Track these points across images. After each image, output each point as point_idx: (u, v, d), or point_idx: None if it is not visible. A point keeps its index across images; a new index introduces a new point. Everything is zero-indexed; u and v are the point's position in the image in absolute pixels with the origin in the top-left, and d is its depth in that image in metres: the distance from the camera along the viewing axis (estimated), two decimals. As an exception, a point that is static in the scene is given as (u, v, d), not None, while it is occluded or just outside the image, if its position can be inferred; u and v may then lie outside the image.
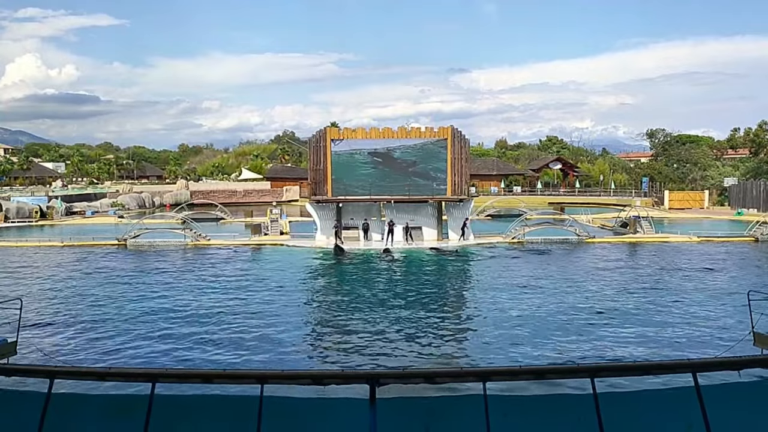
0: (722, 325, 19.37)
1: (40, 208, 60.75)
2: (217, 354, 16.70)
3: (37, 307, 22.22)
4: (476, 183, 76.59)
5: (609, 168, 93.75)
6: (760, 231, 40.70)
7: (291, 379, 5.79)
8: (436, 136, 39.38)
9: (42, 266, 32.43)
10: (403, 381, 5.62)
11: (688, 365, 5.50)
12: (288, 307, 22.63)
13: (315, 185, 39.65)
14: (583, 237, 40.61)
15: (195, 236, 40.65)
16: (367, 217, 39.86)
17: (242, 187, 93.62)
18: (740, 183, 68.18)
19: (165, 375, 5.83)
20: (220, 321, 20.30)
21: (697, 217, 57.59)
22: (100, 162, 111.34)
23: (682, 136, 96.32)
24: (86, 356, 16.50)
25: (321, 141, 39.39)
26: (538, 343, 17.59)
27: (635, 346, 17.23)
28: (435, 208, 40.46)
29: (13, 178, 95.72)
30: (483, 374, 5.51)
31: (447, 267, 32.30)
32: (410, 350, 17.06)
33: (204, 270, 31.04)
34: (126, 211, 70.83)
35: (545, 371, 5.78)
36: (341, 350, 17.41)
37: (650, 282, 27.02)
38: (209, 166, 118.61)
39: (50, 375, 5.63)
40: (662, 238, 41.41)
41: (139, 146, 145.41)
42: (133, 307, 22.40)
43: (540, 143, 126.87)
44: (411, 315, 21.13)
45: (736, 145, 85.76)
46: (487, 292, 25.17)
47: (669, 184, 74.72)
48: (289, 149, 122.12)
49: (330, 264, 33.76)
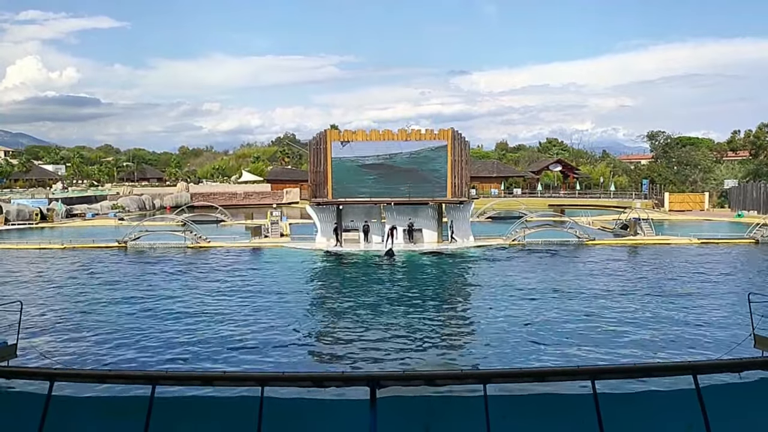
0: (722, 327, 19.36)
1: (40, 211, 60.74)
2: (217, 356, 16.69)
3: (38, 310, 22.22)
4: (476, 185, 76.58)
5: (609, 171, 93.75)
6: (760, 233, 40.71)
7: (291, 381, 5.78)
8: (436, 138, 39.38)
9: (42, 269, 32.42)
10: (404, 383, 5.61)
11: (688, 367, 5.50)
12: (288, 309, 22.62)
13: (315, 187, 39.65)
14: (584, 239, 40.60)
15: (195, 238, 40.66)
16: (368, 219, 39.88)
17: (242, 190, 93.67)
18: (740, 185, 68.20)
19: (165, 377, 5.83)
20: (220, 323, 20.29)
21: (697, 219, 57.56)
22: (100, 164, 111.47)
23: (682, 138, 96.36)
24: (86, 358, 16.49)
25: (321, 143, 39.40)
26: (538, 344, 17.58)
27: (635, 348, 17.23)
28: (435, 210, 40.48)
29: (14, 181, 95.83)
30: (483, 376, 5.51)
31: (447, 269, 32.28)
32: (410, 352, 17.05)
33: (204, 272, 31.04)
34: (126, 213, 70.86)
35: (546, 373, 5.77)
36: (341, 352, 17.41)
37: (650, 284, 27.01)
38: (209, 169, 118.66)
39: (50, 377, 5.63)
40: (662, 241, 41.39)
41: (140, 148, 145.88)
42: (133, 310, 22.40)
43: (540, 145, 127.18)
44: (411, 317, 21.11)
45: (736, 147, 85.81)
46: (487, 294, 25.15)
47: (669, 186, 74.73)
48: (289, 151, 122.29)
49: (330, 266, 33.77)
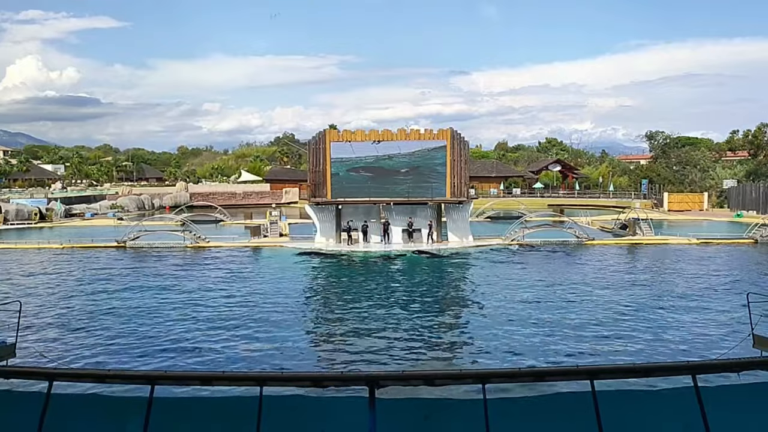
0: (721, 327, 19.38)
1: (39, 210, 60.69)
2: (216, 356, 16.69)
3: (37, 309, 22.19)
4: (476, 185, 76.56)
5: (609, 171, 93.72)
6: (759, 233, 40.74)
7: (290, 381, 5.78)
8: (435, 138, 39.33)
9: (41, 268, 32.40)
10: (403, 383, 5.62)
11: (687, 367, 5.51)
12: (287, 308, 22.61)
13: (314, 187, 39.62)
14: (583, 239, 40.60)
15: (194, 238, 40.63)
16: (367, 219, 39.84)
17: (242, 189, 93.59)
18: (739, 185, 68.23)
19: (164, 377, 5.83)
20: (219, 323, 20.28)
21: (696, 219, 57.61)
22: (99, 164, 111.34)
23: (682, 138, 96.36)
24: (85, 358, 16.49)
25: (320, 143, 39.35)
26: (537, 344, 17.59)
27: (634, 347, 17.24)
28: (434, 210, 40.46)
29: (13, 180, 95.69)
30: (482, 376, 5.51)
31: (446, 269, 32.28)
32: (409, 352, 17.05)
33: (203, 272, 31.03)
34: (125, 213, 70.76)
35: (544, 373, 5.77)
36: (340, 352, 17.41)
37: (649, 284, 27.03)
38: (209, 168, 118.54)
39: (49, 377, 5.63)
40: (661, 240, 41.40)
41: (139, 148, 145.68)
42: (132, 309, 22.38)
43: (539, 145, 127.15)
44: (410, 317, 21.12)
45: (736, 147, 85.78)
46: (486, 294, 25.15)
47: (668, 186, 74.75)
48: (288, 151, 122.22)
49: (329, 266, 33.75)
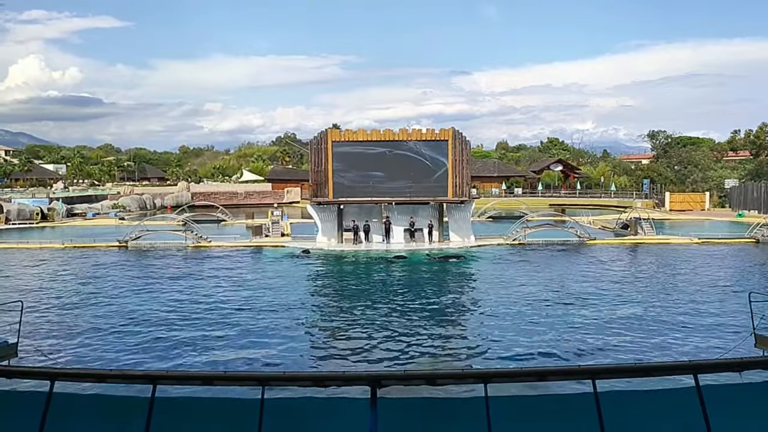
0: (723, 326, 19.36)
1: (41, 210, 60.76)
2: (217, 356, 16.70)
3: (38, 309, 22.22)
4: (477, 185, 76.49)
5: (610, 171, 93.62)
6: (761, 233, 40.68)
7: (292, 381, 5.78)
8: (437, 137, 39.33)
9: (43, 268, 32.44)
10: (404, 382, 5.61)
11: (689, 366, 5.49)
12: (289, 308, 22.62)
13: (316, 187, 39.62)
14: (584, 238, 40.59)
15: (196, 238, 40.65)
16: (368, 218, 39.84)
17: (243, 189, 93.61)
18: (741, 185, 68.14)
19: (166, 377, 5.82)
20: (220, 323, 20.30)
21: (697, 219, 57.57)
22: (101, 164, 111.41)
23: (683, 137, 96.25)
24: (87, 358, 16.51)
25: (322, 143, 39.37)
26: (539, 344, 17.58)
27: (636, 347, 17.23)
28: (436, 209, 40.45)
29: (14, 180, 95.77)
30: (484, 376, 5.50)
31: (447, 269, 32.27)
32: (411, 352, 17.05)
33: (204, 272, 31.06)
34: (127, 212, 70.84)
35: (546, 373, 5.76)
36: (342, 352, 17.42)
37: (651, 284, 27.02)
38: (210, 168, 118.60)
39: (51, 377, 5.62)
40: (663, 240, 41.37)
41: (141, 148, 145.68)
42: (134, 309, 22.41)
43: (541, 145, 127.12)
44: (411, 316, 21.11)
45: (737, 147, 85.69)
46: (488, 294, 25.15)
47: (670, 185, 74.67)
48: (290, 151, 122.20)
49: (330, 266, 33.76)
